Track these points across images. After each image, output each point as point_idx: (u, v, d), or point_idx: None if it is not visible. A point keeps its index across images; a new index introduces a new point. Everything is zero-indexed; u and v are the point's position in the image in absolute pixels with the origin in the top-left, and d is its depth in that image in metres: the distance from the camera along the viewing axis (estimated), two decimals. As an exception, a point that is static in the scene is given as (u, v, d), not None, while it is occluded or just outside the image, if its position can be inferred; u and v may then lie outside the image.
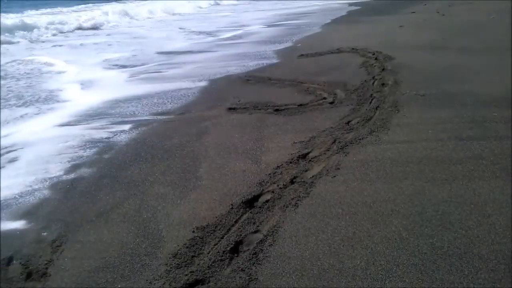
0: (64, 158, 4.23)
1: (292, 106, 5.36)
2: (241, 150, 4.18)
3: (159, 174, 3.79)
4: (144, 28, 17.04)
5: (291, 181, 3.47)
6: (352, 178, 3.46)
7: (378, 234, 2.72)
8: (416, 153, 3.81)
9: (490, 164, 3.51)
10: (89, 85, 7.34)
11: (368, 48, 8.65)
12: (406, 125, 4.44)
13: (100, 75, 8.11)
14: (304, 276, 2.40)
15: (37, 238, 2.97)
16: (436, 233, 2.68)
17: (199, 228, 2.92)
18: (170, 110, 5.59)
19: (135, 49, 11.10)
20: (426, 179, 3.34)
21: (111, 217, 3.18)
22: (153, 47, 11.32)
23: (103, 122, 5.24)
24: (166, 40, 13.02)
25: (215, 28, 15.41)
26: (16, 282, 2.56)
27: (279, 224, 2.90)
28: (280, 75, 7.05)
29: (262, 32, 13.37)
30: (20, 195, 3.58)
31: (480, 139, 3.98)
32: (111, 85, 7.26)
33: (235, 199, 3.27)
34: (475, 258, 2.43)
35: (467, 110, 4.74)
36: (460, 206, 2.95)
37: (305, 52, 8.92)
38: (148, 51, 10.63)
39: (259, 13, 21.17)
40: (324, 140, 4.22)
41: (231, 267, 2.52)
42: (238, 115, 5.20)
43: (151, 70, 8.33)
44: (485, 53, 7.51)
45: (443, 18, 12.95)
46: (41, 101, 6.43)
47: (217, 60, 8.92)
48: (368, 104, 5.17)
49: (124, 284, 2.47)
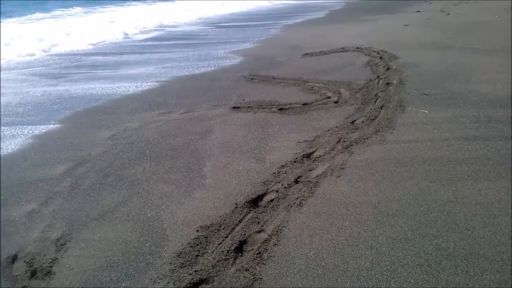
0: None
1: (297, 105, 5.35)
2: (246, 149, 4.17)
3: (163, 173, 3.79)
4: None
5: (295, 181, 3.46)
6: (357, 178, 3.45)
7: (383, 234, 2.71)
8: (421, 153, 3.79)
9: (495, 164, 3.50)
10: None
11: (373, 47, 8.63)
12: (411, 124, 4.42)
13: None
14: (308, 276, 2.40)
15: (41, 236, 2.97)
16: (441, 233, 2.67)
17: (203, 227, 2.92)
18: (174, 109, 5.58)
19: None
20: (431, 179, 3.33)
21: (115, 215, 3.18)
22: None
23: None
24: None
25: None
26: (21, 280, 2.56)
27: (283, 224, 2.89)
28: (285, 74, 7.04)
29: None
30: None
31: (486, 139, 3.96)
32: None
33: (239, 198, 3.27)
34: (480, 259, 2.42)
35: (472, 109, 4.72)
36: (465, 207, 2.93)
37: (309, 51, 8.91)
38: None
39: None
40: (328, 139, 4.21)
41: (236, 267, 2.52)
42: (242, 114, 5.20)
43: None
44: (491, 52, 7.47)
45: (448, 17, 12.89)
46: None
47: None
48: (373, 103, 5.15)
49: (128, 283, 2.47)
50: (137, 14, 21.04)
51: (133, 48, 11.27)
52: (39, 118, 5.51)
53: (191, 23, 17.61)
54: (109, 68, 8.56)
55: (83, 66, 8.92)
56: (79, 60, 9.65)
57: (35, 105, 6.09)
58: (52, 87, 7.07)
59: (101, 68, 8.57)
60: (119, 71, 8.26)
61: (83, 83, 7.34)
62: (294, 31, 12.95)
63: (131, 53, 10.30)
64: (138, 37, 13.69)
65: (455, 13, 13.47)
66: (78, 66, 8.95)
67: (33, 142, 4.71)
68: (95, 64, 9.10)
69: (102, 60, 9.56)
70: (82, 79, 7.62)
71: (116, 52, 10.56)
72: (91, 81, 7.45)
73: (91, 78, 7.71)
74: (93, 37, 12.82)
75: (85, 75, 7.95)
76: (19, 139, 4.80)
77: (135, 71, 8.11)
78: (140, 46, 11.62)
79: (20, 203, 3.45)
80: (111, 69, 8.50)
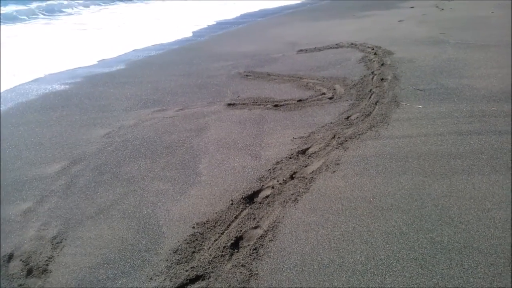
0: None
1: (292, 102, 5.36)
2: (241, 145, 4.18)
3: (159, 170, 3.79)
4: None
5: (290, 177, 3.47)
6: (352, 173, 3.46)
7: (378, 229, 2.73)
8: (415, 148, 3.81)
9: (489, 159, 3.52)
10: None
11: (368, 43, 8.63)
12: (406, 120, 4.44)
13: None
14: (304, 271, 2.41)
15: (37, 234, 2.97)
16: (436, 227, 2.69)
17: (199, 224, 2.92)
18: (169, 106, 5.58)
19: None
20: (425, 174, 3.35)
21: (111, 213, 3.18)
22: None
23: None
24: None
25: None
26: (17, 279, 2.56)
27: (279, 220, 2.90)
28: (279, 71, 7.04)
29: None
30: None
31: (480, 133, 3.99)
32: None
33: (235, 194, 3.27)
34: (474, 253, 2.44)
35: (466, 104, 4.74)
36: (459, 201, 2.96)
37: (304, 47, 8.91)
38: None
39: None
40: (323, 135, 4.22)
41: (232, 263, 2.53)
42: (237, 111, 5.20)
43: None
44: (485, 47, 7.49)
45: (443, 12, 12.91)
46: None
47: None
48: (368, 99, 5.16)
49: (124, 280, 2.48)
50: (180, 10, 20.74)
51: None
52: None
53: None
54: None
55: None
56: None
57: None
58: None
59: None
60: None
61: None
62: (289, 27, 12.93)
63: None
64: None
65: (449, 8, 13.49)
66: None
67: (28, 140, 4.69)
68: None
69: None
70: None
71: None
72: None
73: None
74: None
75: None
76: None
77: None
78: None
79: (15, 201, 3.44)
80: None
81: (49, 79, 7.62)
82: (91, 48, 10.47)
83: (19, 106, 6.03)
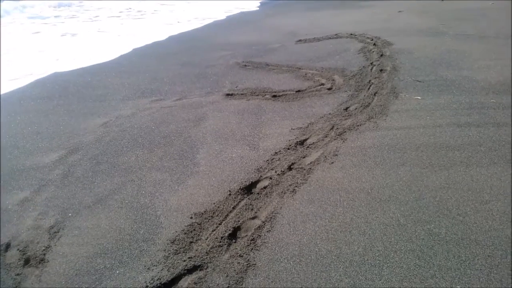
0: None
1: (290, 92, 5.33)
2: (239, 136, 4.16)
3: (157, 160, 3.78)
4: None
5: (289, 168, 3.46)
6: (350, 164, 3.45)
7: (376, 220, 2.73)
8: (414, 139, 3.80)
9: (488, 151, 3.52)
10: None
11: (367, 33, 8.59)
12: (404, 111, 4.43)
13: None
14: (301, 261, 2.41)
15: (34, 224, 2.96)
16: (434, 219, 2.69)
17: (197, 214, 2.92)
18: (167, 96, 5.55)
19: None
20: (423, 165, 3.35)
21: (108, 203, 3.17)
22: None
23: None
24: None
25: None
26: (14, 268, 2.56)
27: (277, 210, 2.90)
28: (278, 61, 7.00)
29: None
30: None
31: (478, 125, 3.98)
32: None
33: (233, 185, 3.27)
34: (472, 244, 2.45)
35: (465, 96, 4.73)
36: (457, 193, 2.96)
37: (303, 37, 8.86)
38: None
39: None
40: (322, 126, 4.21)
41: (229, 253, 2.53)
42: (235, 101, 5.17)
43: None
44: (484, 39, 7.47)
45: (443, 3, 12.84)
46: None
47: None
48: (366, 90, 5.14)
49: (122, 270, 2.47)
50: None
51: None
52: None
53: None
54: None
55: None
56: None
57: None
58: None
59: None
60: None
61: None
62: (288, 17, 12.85)
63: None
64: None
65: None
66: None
67: (25, 129, 4.66)
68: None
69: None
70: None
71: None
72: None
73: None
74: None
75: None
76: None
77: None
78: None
79: (12, 191, 3.43)
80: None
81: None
82: (90, 49, 9.98)
83: (16, 95, 5.99)
